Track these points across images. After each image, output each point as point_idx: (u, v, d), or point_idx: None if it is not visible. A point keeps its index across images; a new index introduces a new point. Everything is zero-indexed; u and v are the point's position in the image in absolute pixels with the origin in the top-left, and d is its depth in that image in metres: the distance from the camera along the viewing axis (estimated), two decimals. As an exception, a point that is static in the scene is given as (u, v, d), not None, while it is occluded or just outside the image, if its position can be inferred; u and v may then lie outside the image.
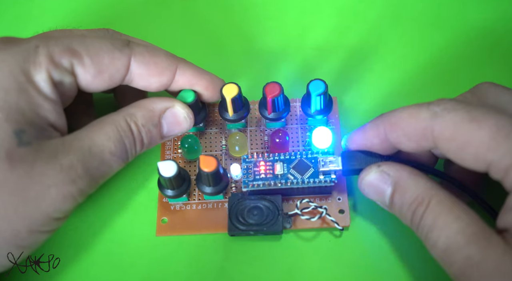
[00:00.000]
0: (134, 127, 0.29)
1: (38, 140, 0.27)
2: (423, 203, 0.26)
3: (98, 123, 0.29)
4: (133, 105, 0.31)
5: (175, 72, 0.32)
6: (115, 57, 0.30)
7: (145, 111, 0.30)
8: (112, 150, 0.28)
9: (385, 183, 0.28)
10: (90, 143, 0.28)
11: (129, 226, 0.34)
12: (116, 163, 0.29)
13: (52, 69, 0.28)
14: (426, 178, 0.28)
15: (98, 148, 0.28)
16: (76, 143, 0.28)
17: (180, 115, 0.31)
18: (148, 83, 0.32)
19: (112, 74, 0.30)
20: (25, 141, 0.26)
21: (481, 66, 0.39)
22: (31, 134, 0.27)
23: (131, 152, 0.29)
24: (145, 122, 0.30)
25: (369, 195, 0.30)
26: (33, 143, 0.26)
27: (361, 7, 0.42)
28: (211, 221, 0.33)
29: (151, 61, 0.31)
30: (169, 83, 0.32)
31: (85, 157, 0.27)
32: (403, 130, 0.28)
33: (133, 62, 0.30)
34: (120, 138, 0.29)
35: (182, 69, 0.32)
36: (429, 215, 0.26)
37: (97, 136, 0.28)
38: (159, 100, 0.31)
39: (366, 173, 0.29)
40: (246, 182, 0.32)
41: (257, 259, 0.32)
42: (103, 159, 0.28)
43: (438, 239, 0.25)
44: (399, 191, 0.28)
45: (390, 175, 0.28)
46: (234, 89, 0.33)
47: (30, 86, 0.27)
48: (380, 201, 0.29)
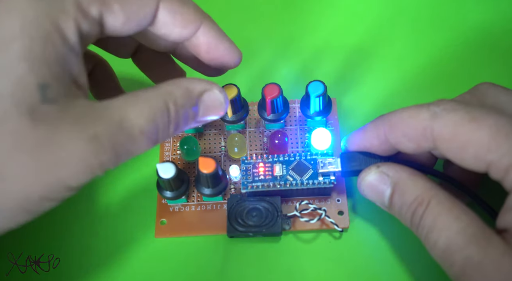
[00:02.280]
0: (172, 107, 0.27)
1: (63, 99, 0.24)
2: (422, 203, 0.26)
3: (132, 97, 0.26)
4: (171, 83, 0.28)
5: (199, 28, 0.30)
6: (144, 3, 0.28)
7: (184, 90, 0.28)
8: (142, 129, 0.26)
9: (384, 184, 0.28)
10: (121, 117, 0.25)
11: (128, 228, 0.34)
12: (144, 143, 0.26)
13: (81, 18, 0.25)
14: (426, 178, 0.28)
15: (128, 123, 0.25)
16: (106, 113, 0.25)
17: (218, 100, 0.29)
18: (169, 32, 0.30)
19: (140, 20, 0.28)
20: (50, 97, 0.24)
21: (480, 66, 0.39)
22: (56, 91, 0.24)
23: (163, 133, 0.27)
24: (184, 102, 0.28)
25: (368, 196, 0.30)
26: (58, 101, 0.24)
27: (360, 8, 0.42)
28: (210, 222, 0.33)
29: (178, 11, 0.29)
30: (189, 37, 0.30)
31: (113, 130, 0.25)
32: (403, 131, 0.28)
33: (161, 9, 0.28)
34: (153, 117, 0.26)
35: (207, 27, 0.30)
36: (428, 216, 0.26)
37: (129, 111, 0.25)
38: (198, 81, 0.29)
39: (365, 174, 0.29)
40: (245, 184, 0.32)
41: (256, 260, 0.32)
42: (132, 136, 0.25)
43: (438, 240, 0.25)
44: (398, 191, 0.28)
45: (390, 176, 0.28)
46: (233, 90, 0.33)
47: (57, 35, 0.24)
48: (379, 202, 0.29)
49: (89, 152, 0.24)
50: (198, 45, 0.30)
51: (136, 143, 0.26)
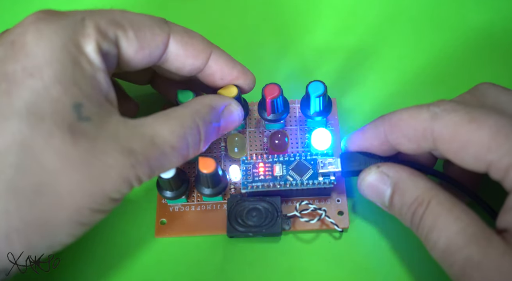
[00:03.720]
0: (202, 125, 0.28)
1: (97, 116, 0.26)
2: (422, 203, 0.26)
3: (162, 115, 0.28)
4: (196, 101, 0.30)
5: (210, 56, 0.31)
6: (156, 33, 0.29)
7: (209, 108, 0.29)
8: (174, 145, 0.27)
9: (384, 184, 0.28)
10: (153, 133, 0.27)
11: (128, 227, 0.34)
12: (175, 158, 0.28)
13: (101, 40, 0.27)
14: (426, 179, 0.28)
15: (160, 140, 0.27)
16: (139, 129, 0.26)
17: (235, 113, 0.31)
18: (183, 65, 0.31)
19: (152, 50, 0.29)
20: (85, 116, 0.25)
21: (480, 66, 0.39)
22: (90, 109, 0.25)
23: (193, 149, 0.28)
24: (211, 119, 0.29)
25: (369, 196, 0.30)
26: (92, 118, 0.25)
27: (360, 8, 0.42)
28: (210, 222, 0.33)
29: (188, 42, 0.30)
30: (202, 67, 0.31)
31: (147, 145, 0.26)
32: (403, 131, 0.28)
33: (172, 41, 0.30)
34: (183, 134, 0.28)
35: (216, 55, 0.31)
36: (429, 216, 0.26)
37: (160, 128, 0.27)
38: (218, 98, 0.31)
39: (365, 174, 0.29)
40: (245, 184, 0.32)
41: (256, 260, 0.32)
42: (164, 151, 0.27)
43: (438, 240, 0.25)
44: (398, 192, 0.28)
45: (390, 176, 0.28)
46: (233, 90, 0.33)
47: (82, 57, 0.26)
48: (379, 203, 0.29)
49: (126, 165, 0.25)
50: (211, 74, 0.32)
51: (168, 158, 0.27)
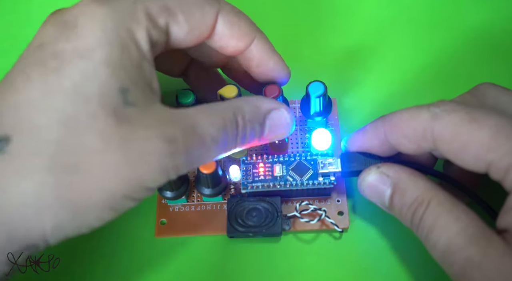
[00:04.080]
0: (241, 121, 0.28)
1: (142, 102, 0.25)
2: (423, 204, 0.26)
3: (203, 108, 0.28)
4: (241, 98, 0.30)
5: (253, 41, 0.31)
6: (205, 12, 0.29)
7: (253, 107, 0.29)
8: (214, 137, 0.27)
9: (384, 184, 0.28)
10: (195, 123, 0.26)
11: (128, 228, 0.34)
12: (214, 150, 0.27)
13: (151, 27, 0.27)
14: (426, 179, 0.28)
15: (201, 130, 0.26)
16: (181, 118, 0.26)
17: (285, 119, 0.30)
18: (226, 45, 0.30)
19: (202, 31, 0.29)
20: (130, 101, 0.25)
21: (480, 66, 0.39)
22: (135, 94, 0.25)
23: (230, 144, 0.28)
24: (252, 117, 0.29)
25: (369, 197, 0.30)
26: (138, 104, 0.25)
27: (360, 8, 0.42)
28: (210, 222, 0.33)
29: (235, 22, 0.30)
30: (244, 50, 0.31)
31: (188, 134, 0.26)
32: (403, 132, 0.28)
33: (219, 20, 0.29)
34: (224, 127, 0.27)
35: (259, 40, 0.31)
36: (429, 216, 0.26)
37: (201, 118, 0.27)
38: (266, 100, 0.30)
39: (365, 175, 0.29)
40: (245, 184, 0.32)
41: (256, 261, 0.32)
42: (204, 142, 0.26)
43: (438, 240, 0.25)
44: (398, 192, 0.28)
45: (390, 176, 0.28)
46: (234, 90, 0.33)
47: (132, 43, 0.26)
48: (379, 203, 0.29)
49: (166, 153, 0.25)
50: (250, 59, 0.31)
51: (208, 149, 0.27)
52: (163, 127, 0.25)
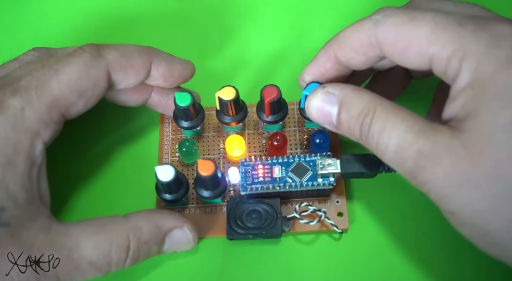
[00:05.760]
0: (135, 244, 0.28)
1: (20, 219, 0.26)
2: (369, 113, 0.27)
3: (95, 226, 0.28)
4: (143, 216, 0.30)
5: (150, 67, 0.33)
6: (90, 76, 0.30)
7: (153, 226, 0.29)
8: (92, 261, 0.27)
9: (331, 103, 0.28)
10: (73, 245, 0.27)
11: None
12: (91, 273, 0.28)
13: (43, 129, 0.28)
14: (369, 92, 0.28)
15: (78, 254, 0.27)
16: (58, 240, 0.27)
17: (187, 238, 0.31)
18: (127, 85, 0.32)
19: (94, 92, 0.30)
20: (3, 222, 0.26)
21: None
22: (11, 213, 0.26)
23: (116, 266, 0.28)
24: (149, 239, 0.29)
25: (318, 120, 0.29)
26: (11, 224, 0.26)
27: (359, 9, 0.42)
28: (209, 225, 0.33)
29: (127, 66, 0.32)
30: (145, 78, 0.33)
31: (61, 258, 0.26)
32: (351, 46, 0.29)
33: (111, 72, 0.31)
34: (108, 251, 0.28)
35: (156, 63, 0.33)
36: (376, 122, 0.26)
37: (84, 240, 0.27)
38: (170, 217, 0.30)
39: (311, 97, 0.29)
40: (245, 186, 0.32)
41: (256, 263, 0.32)
42: (78, 267, 0.27)
43: (389, 141, 0.25)
44: (345, 107, 0.28)
45: (335, 95, 0.28)
46: (232, 92, 0.33)
47: (18, 156, 0.27)
48: (327, 123, 0.29)
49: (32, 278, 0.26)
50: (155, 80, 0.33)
51: (82, 273, 0.27)
52: (32, 251, 0.26)
